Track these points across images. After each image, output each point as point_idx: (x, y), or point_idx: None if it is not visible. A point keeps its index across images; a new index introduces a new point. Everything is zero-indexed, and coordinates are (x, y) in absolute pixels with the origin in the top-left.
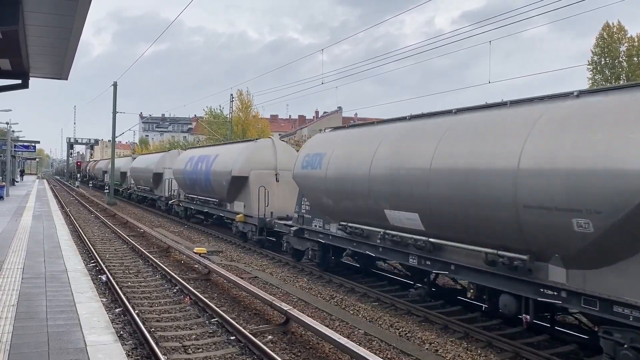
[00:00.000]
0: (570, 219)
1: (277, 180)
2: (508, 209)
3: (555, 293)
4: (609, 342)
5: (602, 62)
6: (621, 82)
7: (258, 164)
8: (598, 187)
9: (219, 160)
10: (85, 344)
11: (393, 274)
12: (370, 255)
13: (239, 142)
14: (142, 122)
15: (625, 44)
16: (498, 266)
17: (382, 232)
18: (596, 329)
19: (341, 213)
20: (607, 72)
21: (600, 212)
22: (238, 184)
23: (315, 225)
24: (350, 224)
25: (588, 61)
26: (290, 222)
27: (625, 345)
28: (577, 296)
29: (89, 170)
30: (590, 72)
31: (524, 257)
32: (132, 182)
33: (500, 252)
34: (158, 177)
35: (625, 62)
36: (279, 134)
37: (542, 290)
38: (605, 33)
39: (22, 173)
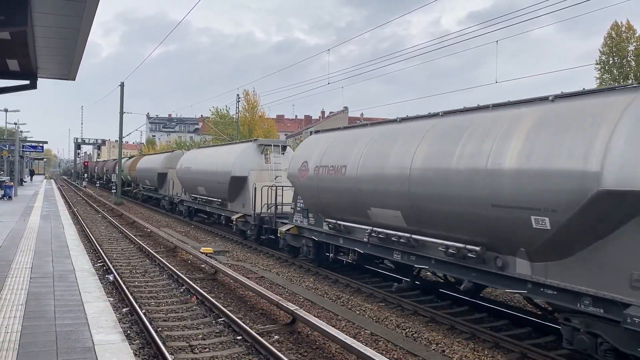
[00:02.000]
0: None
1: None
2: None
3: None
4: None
5: (610, 62)
6: (630, 81)
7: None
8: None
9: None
10: (93, 343)
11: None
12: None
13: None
14: (149, 123)
15: (634, 43)
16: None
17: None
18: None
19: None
20: (615, 71)
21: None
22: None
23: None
24: (339, 222)
25: (596, 60)
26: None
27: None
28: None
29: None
30: (598, 72)
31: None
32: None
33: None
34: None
35: (633, 62)
36: (285, 134)
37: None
38: (613, 32)
39: (32, 173)
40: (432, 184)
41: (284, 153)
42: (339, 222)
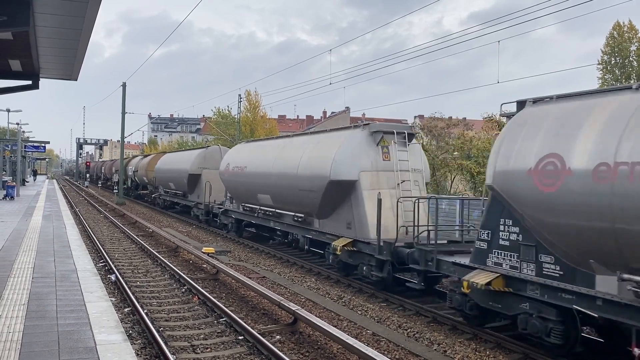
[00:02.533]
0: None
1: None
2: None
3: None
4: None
5: (613, 62)
6: (631, 81)
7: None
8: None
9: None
10: (95, 343)
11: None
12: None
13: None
14: (151, 123)
15: (636, 44)
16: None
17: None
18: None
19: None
20: (617, 71)
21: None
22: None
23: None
24: (244, 204)
25: (598, 61)
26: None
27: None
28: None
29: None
30: (600, 72)
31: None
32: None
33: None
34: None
35: (635, 62)
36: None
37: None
38: (615, 32)
39: (35, 173)
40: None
41: (408, 145)
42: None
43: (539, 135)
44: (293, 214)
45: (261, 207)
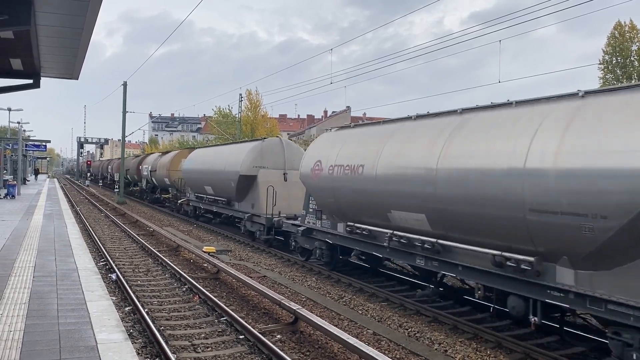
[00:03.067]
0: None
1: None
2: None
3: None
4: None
5: (614, 62)
6: (633, 81)
7: None
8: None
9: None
10: (96, 341)
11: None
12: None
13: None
14: (152, 122)
15: (638, 43)
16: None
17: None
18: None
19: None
20: (618, 71)
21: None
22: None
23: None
24: (357, 225)
25: (599, 60)
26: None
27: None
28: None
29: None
30: (602, 72)
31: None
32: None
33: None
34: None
35: (637, 62)
36: (288, 134)
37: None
38: (617, 32)
39: (37, 172)
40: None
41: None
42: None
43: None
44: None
45: (397, 232)
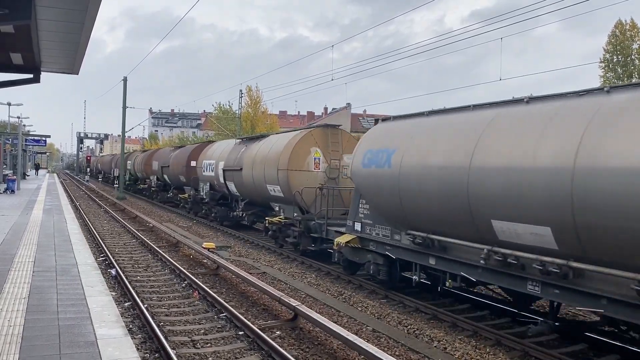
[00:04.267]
0: None
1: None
2: None
3: None
4: None
5: (615, 60)
6: (633, 80)
7: None
8: None
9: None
10: (96, 337)
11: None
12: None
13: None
14: (152, 118)
15: (638, 42)
16: None
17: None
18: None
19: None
20: (619, 69)
21: None
22: None
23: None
24: (432, 236)
25: (600, 59)
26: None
27: None
28: None
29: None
30: (602, 70)
31: None
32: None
33: None
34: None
35: (637, 60)
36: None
37: None
38: (617, 30)
39: (37, 167)
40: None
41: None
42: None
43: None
44: None
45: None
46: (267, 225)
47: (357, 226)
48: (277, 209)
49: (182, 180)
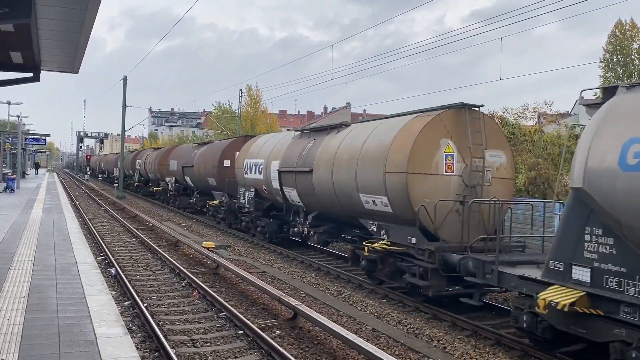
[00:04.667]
0: None
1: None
2: None
3: None
4: None
5: (614, 60)
6: (633, 79)
7: None
8: None
9: None
10: (96, 336)
11: None
12: None
13: None
14: (152, 117)
15: (638, 42)
16: None
17: None
18: None
19: None
20: (619, 69)
21: None
22: None
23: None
24: None
25: (600, 59)
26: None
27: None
28: None
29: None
30: (602, 70)
31: None
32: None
33: None
34: None
35: (637, 60)
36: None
37: None
38: (617, 30)
39: (37, 166)
40: None
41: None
42: None
43: None
44: None
45: None
46: (366, 253)
47: (582, 273)
48: (373, 228)
49: (212, 183)
